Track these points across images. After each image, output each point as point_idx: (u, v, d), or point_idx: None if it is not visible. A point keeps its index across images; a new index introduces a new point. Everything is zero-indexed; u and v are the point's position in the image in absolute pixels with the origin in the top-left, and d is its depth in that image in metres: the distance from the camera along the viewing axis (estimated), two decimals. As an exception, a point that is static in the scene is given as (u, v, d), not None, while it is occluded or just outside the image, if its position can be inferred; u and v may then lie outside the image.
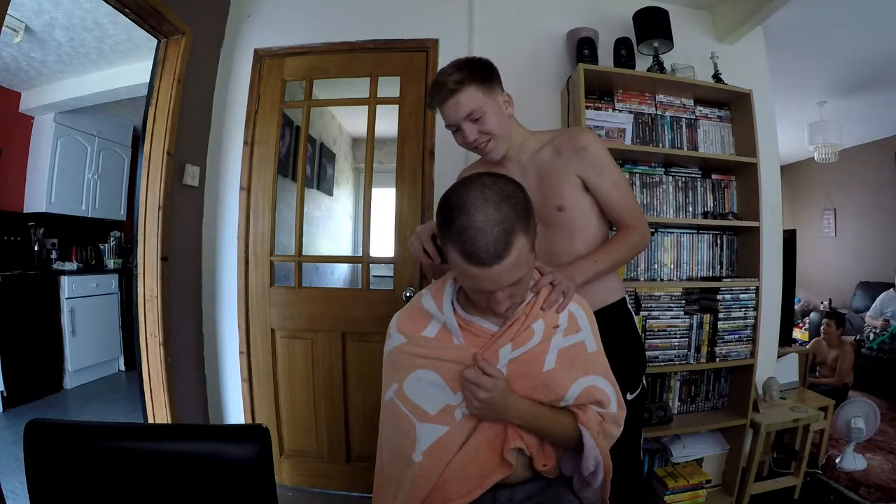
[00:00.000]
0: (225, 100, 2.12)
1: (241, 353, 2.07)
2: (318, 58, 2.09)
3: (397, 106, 2.05)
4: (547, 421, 0.86)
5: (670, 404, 1.92)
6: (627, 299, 1.27)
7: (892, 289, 3.98)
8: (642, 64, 1.94)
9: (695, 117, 2.00)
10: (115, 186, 4.16)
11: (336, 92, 2.31)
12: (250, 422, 2.06)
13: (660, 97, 1.96)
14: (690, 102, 2.00)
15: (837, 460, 2.29)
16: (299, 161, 2.19)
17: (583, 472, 0.88)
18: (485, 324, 0.90)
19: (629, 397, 1.14)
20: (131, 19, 1.73)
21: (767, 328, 2.07)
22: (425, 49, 2.03)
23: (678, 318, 1.85)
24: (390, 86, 2.07)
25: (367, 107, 2.08)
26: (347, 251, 4.30)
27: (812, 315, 4.67)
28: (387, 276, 2.15)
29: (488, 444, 0.87)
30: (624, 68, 1.84)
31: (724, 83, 1.94)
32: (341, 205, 4.16)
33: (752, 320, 1.90)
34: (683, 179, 1.99)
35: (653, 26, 1.87)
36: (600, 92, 1.91)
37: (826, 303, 4.97)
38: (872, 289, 4.35)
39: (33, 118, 3.60)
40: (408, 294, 1.95)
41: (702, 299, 1.96)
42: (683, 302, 1.89)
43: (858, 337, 3.88)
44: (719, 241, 2.01)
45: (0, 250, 3.35)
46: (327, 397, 2.05)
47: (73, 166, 3.74)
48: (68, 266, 3.63)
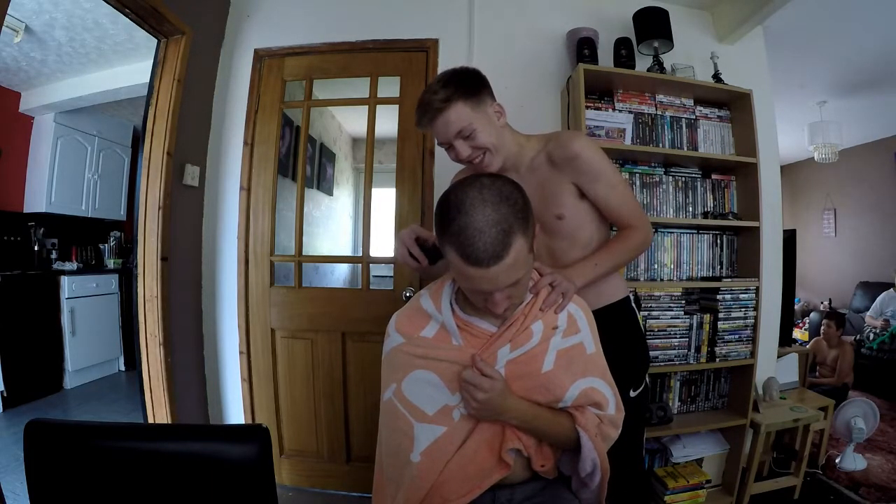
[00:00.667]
0: (225, 100, 2.12)
1: (241, 353, 2.07)
2: (318, 58, 2.09)
3: (397, 106, 2.05)
4: (545, 422, 0.86)
5: (670, 404, 1.92)
6: (631, 298, 1.27)
7: (892, 289, 3.98)
8: (642, 64, 1.94)
9: (695, 117, 2.00)
10: (115, 186, 4.16)
11: (336, 92, 2.31)
12: (250, 422, 2.06)
13: (660, 97, 1.96)
14: (690, 102, 2.00)
15: (837, 460, 2.29)
16: (299, 161, 2.19)
17: (580, 474, 0.88)
18: (483, 324, 0.90)
19: (632, 394, 1.14)
20: (131, 19, 1.73)
21: (767, 328, 2.07)
22: (425, 49, 2.03)
23: (678, 318, 1.85)
24: (390, 86, 2.07)
25: (367, 107, 2.08)
26: (347, 251, 4.30)
27: (812, 315, 4.67)
28: (387, 276, 2.15)
29: (486, 444, 0.87)
30: (624, 68, 1.84)
31: (724, 83, 1.94)
32: (341, 205, 4.16)
33: (752, 320, 1.90)
34: (683, 179, 1.99)
35: (653, 26, 1.87)
36: (600, 92, 1.91)
37: (826, 303, 4.97)
38: (872, 289, 4.35)
39: (33, 118, 3.60)
40: (408, 294, 1.95)
41: (702, 299, 1.96)
42: (683, 302, 1.89)
43: (858, 337, 3.88)
44: (719, 241, 2.01)
45: (0, 250, 3.35)
46: (327, 397, 2.05)
47: (73, 166, 3.74)
48: (68, 266, 3.63)
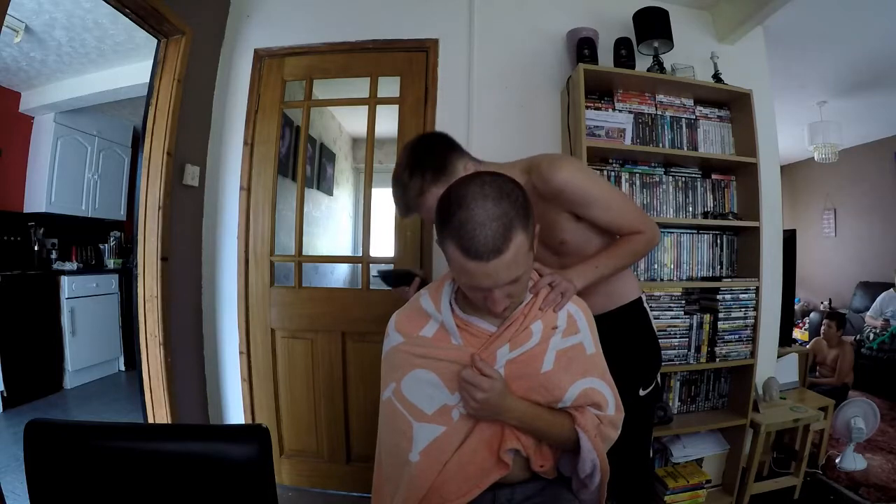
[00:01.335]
0: (225, 100, 2.12)
1: (241, 353, 2.07)
2: (318, 58, 2.09)
3: (397, 106, 2.05)
4: (544, 422, 0.86)
5: (670, 404, 1.92)
6: (644, 298, 1.26)
7: (892, 289, 3.98)
8: (642, 64, 1.94)
9: (695, 117, 2.00)
10: (115, 186, 4.16)
11: (336, 92, 2.31)
12: (250, 422, 2.06)
13: (660, 97, 1.96)
14: (690, 102, 2.00)
15: (837, 460, 2.29)
16: (299, 161, 2.19)
17: (579, 474, 0.88)
18: (482, 324, 0.90)
19: (642, 393, 1.14)
20: (131, 19, 1.73)
21: (767, 328, 2.07)
22: (425, 49, 2.03)
23: (678, 318, 1.85)
24: (390, 86, 2.07)
25: (367, 107, 2.08)
26: (347, 251, 4.30)
27: (812, 315, 4.67)
28: (387, 276, 2.15)
29: (486, 444, 0.87)
30: (624, 68, 1.84)
31: (724, 83, 1.95)
32: (341, 205, 4.16)
33: (752, 320, 1.90)
34: (683, 179, 1.99)
35: (653, 26, 1.87)
36: (600, 92, 1.91)
37: (826, 303, 4.97)
38: (872, 289, 4.36)
39: (33, 118, 3.60)
40: (408, 294, 1.95)
41: (702, 299, 1.96)
42: (683, 302, 1.89)
43: (858, 337, 3.88)
44: (719, 241, 2.01)
45: (0, 250, 3.35)
46: (327, 397, 2.05)
47: (73, 166, 3.74)
48: (68, 266, 3.63)
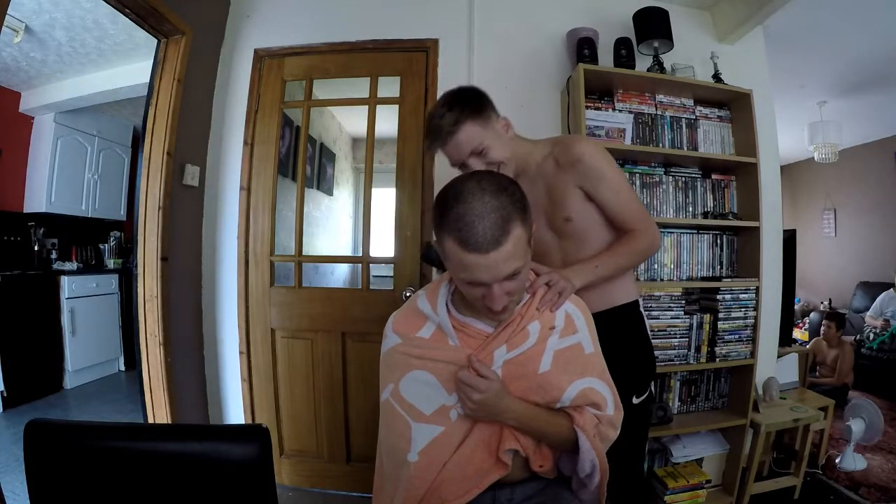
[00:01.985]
0: (225, 100, 2.12)
1: (241, 353, 2.07)
2: (318, 58, 2.09)
3: (397, 106, 2.05)
4: (542, 423, 0.86)
5: (670, 404, 1.92)
6: (641, 302, 1.25)
7: (892, 289, 3.98)
8: (642, 64, 1.94)
9: (695, 117, 2.00)
10: (115, 186, 4.16)
11: (336, 92, 2.31)
12: (250, 422, 2.06)
13: (660, 97, 1.96)
14: (690, 102, 2.00)
15: (837, 460, 2.29)
16: (299, 161, 2.19)
17: (579, 474, 0.88)
18: (479, 325, 0.90)
19: (635, 401, 1.12)
20: (131, 19, 1.73)
21: (767, 328, 2.07)
22: (425, 49, 2.03)
23: (678, 318, 1.85)
24: (390, 86, 2.07)
25: (367, 107, 2.08)
26: (347, 251, 4.30)
27: (812, 315, 4.67)
28: (387, 276, 2.15)
29: (484, 444, 0.87)
30: (624, 68, 1.84)
31: (724, 83, 1.95)
32: (341, 205, 4.16)
33: (752, 320, 1.90)
34: (683, 179, 1.99)
35: (653, 26, 1.87)
36: (600, 92, 1.91)
37: (826, 303, 4.97)
38: (872, 289, 4.36)
39: (33, 118, 3.60)
40: (407, 294, 1.95)
41: (702, 299, 1.96)
42: (683, 302, 1.89)
43: (858, 337, 3.88)
44: (719, 241, 2.01)
45: (0, 250, 3.35)
46: (327, 397, 2.05)
47: (73, 166, 3.74)
48: (68, 266, 3.64)
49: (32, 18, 2.50)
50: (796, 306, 4.71)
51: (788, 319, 2.42)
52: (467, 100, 1.10)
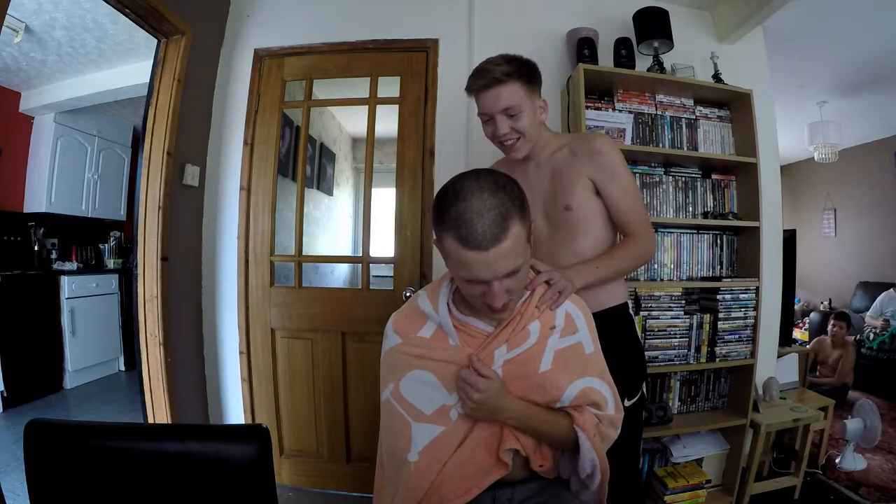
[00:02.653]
0: (225, 100, 2.12)
1: (241, 353, 2.07)
2: (318, 58, 2.09)
3: (397, 106, 2.05)
4: (543, 422, 0.86)
5: (670, 404, 1.92)
6: (630, 304, 1.26)
7: (892, 289, 3.98)
8: (642, 64, 1.94)
9: (695, 117, 2.00)
10: (115, 186, 4.16)
11: (336, 92, 2.31)
12: (250, 422, 2.06)
13: (660, 97, 1.96)
14: (690, 102, 2.00)
15: (837, 460, 2.29)
16: (299, 161, 2.19)
17: (579, 475, 0.88)
18: (480, 324, 0.90)
19: (627, 404, 1.12)
20: (131, 19, 1.73)
21: (767, 328, 2.07)
22: (425, 49, 2.03)
23: (678, 318, 1.85)
24: (390, 86, 2.07)
25: (367, 107, 2.08)
26: (347, 251, 4.30)
27: (812, 315, 4.67)
28: (387, 276, 2.15)
29: (484, 444, 0.87)
30: (624, 68, 1.84)
31: (724, 83, 1.94)
32: (341, 205, 4.16)
33: (752, 320, 1.89)
34: (683, 179, 1.99)
35: (653, 26, 1.87)
36: (600, 92, 1.91)
37: (826, 303, 4.98)
38: (872, 289, 4.36)
39: (33, 118, 3.60)
40: (407, 294, 1.95)
41: (702, 299, 1.96)
42: (683, 302, 1.89)
43: (858, 337, 3.88)
44: (719, 241, 2.01)
45: (0, 250, 3.35)
46: (327, 397, 2.05)
47: (73, 166, 3.74)
48: (68, 266, 3.63)
49: (32, 18, 2.50)
50: (796, 306, 4.71)
51: (788, 319, 2.42)
52: (526, 63, 1.13)
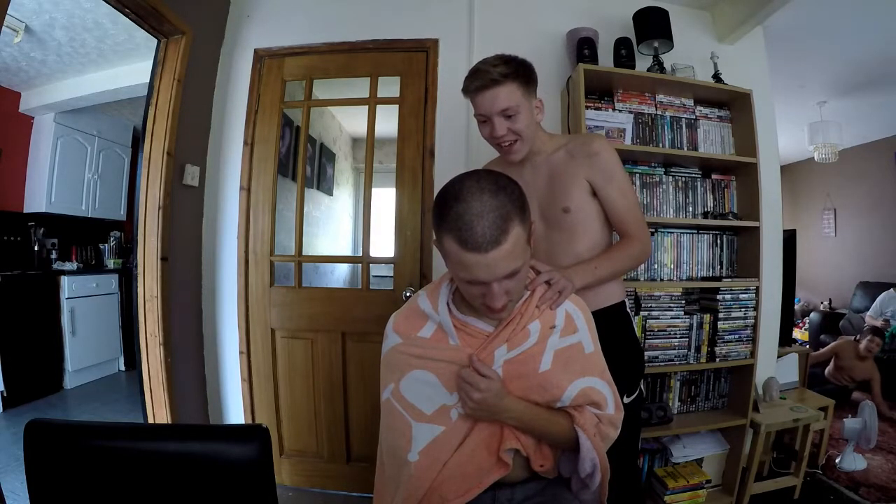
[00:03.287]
0: (225, 100, 2.12)
1: (241, 353, 2.07)
2: (318, 58, 2.09)
3: (397, 106, 2.05)
4: (543, 422, 0.86)
5: (670, 404, 1.92)
6: (627, 303, 1.27)
7: (892, 289, 3.98)
8: (642, 64, 1.94)
9: (695, 117, 2.00)
10: (115, 186, 4.16)
11: (336, 92, 2.31)
12: (250, 422, 2.06)
13: (660, 97, 1.96)
14: (690, 102, 2.00)
15: (837, 460, 2.29)
16: (299, 161, 2.19)
17: (580, 474, 0.88)
18: (480, 324, 0.90)
19: (626, 401, 1.13)
20: (131, 19, 1.73)
21: (767, 328, 2.07)
22: (425, 49, 2.03)
23: (678, 318, 1.85)
24: (390, 86, 2.07)
25: (367, 107, 2.08)
26: (347, 251, 4.30)
27: (812, 315, 4.67)
28: (387, 276, 2.15)
29: (485, 444, 0.87)
30: (624, 68, 1.84)
31: (724, 83, 1.94)
32: (341, 205, 4.16)
33: (752, 320, 1.89)
34: (683, 179, 1.99)
35: (653, 26, 1.87)
36: (600, 92, 1.91)
37: (826, 303, 4.98)
38: (872, 289, 4.36)
39: (33, 118, 3.60)
40: (407, 294, 1.95)
41: (702, 299, 1.96)
42: (683, 302, 1.89)
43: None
44: (719, 241, 2.01)
45: (0, 250, 3.35)
46: (327, 397, 2.05)
47: (73, 166, 3.74)
48: (68, 266, 3.63)
49: (32, 18, 2.50)
50: (796, 306, 4.71)
51: (788, 319, 2.42)
52: (523, 64, 1.13)
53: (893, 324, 3.77)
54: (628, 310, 1.27)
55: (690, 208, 1.99)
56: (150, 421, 1.83)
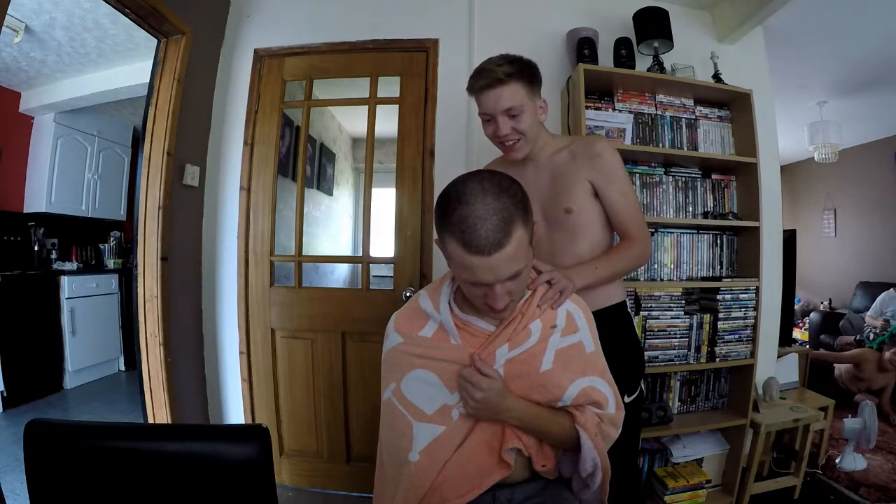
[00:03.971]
0: (225, 100, 2.11)
1: (241, 353, 2.07)
2: (318, 58, 2.09)
3: (397, 106, 2.05)
4: (544, 421, 0.86)
5: (670, 404, 1.92)
6: (628, 302, 1.28)
7: (892, 289, 3.98)
8: (642, 64, 1.94)
9: (695, 117, 2.00)
10: (115, 186, 4.16)
11: (336, 92, 2.31)
12: (250, 422, 2.06)
13: (660, 97, 1.96)
14: (690, 102, 2.00)
15: (837, 460, 2.29)
16: (299, 161, 2.19)
17: (581, 474, 0.88)
18: (481, 324, 0.90)
19: (626, 400, 1.14)
20: (131, 19, 1.73)
21: (767, 328, 2.07)
22: (425, 49, 2.03)
23: (678, 318, 1.85)
24: (390, 86, 2.07)
25: (367, 107, 2.08)
26: (347, 251, 4.30)
27: (812, 315, 4.67)
28: (387, 276, 2.15)
29: (486, 444, 0.87)
30: (624, 68, 1.84)
31: (724, 83, 1.94)
32: (341, 205, 4.16)
33: (752, 320, 1.89)
34: (683, 179, 1.99)
35: (653, 26, 1.87)
36: (600, 92, 1.91)
37: (826, 303, 4.98)
38: (872, 289, 4.35)
39: (33, 118, 3.60)
40: (408, 294, 1.95)
41: (702, 299, 1.96)
42: (683, 302, 1.89)
43: (858, 337, 3.88)
44: (719, 241, 2.01)
45: (0, 250, 3.35)
46: (327, 397, 2.05)
47: (73, 166, 3.74)
48: (68, 266, 3.63)
49: (32, 18, 2.50)
50: (796, 306, 4.71)
51: (788, 319, 2.42)
52: (527, 64, 1.13)
53: (893, 324, 3.77)
54: (629, 310, 1.28)
55: (690, 208, 1.99)
56: (150, 421, 1.83)
